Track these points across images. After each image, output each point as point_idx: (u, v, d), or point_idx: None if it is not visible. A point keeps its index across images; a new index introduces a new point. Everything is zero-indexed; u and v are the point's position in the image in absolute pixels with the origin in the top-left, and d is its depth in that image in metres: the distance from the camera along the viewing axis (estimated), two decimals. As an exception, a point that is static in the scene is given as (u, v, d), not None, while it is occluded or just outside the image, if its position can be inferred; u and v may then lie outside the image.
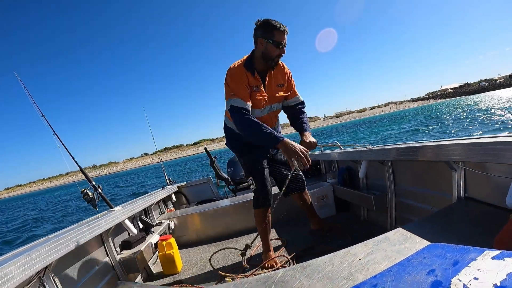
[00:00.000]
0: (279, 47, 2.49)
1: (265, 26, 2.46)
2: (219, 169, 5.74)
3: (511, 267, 0.83)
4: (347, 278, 1.33)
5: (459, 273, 0.90)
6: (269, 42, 2.46)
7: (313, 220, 3.46)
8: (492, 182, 1.91)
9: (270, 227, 2.98)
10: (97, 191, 3.19)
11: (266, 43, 2.48)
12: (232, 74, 2.57)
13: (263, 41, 2.49)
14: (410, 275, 1.00)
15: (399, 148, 2.67)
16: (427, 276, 0.95)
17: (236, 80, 2.54)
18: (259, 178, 2.85)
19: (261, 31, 2.48)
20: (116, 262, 2.71)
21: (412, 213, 2.76)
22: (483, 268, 0.87)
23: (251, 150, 2.88)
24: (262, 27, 2.48)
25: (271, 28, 2.44)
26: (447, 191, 2.27)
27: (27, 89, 3.34)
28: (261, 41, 2.50)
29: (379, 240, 1.65)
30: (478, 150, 1.80)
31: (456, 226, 1.73)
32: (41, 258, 1.76)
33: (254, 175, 2.87)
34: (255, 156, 2.89)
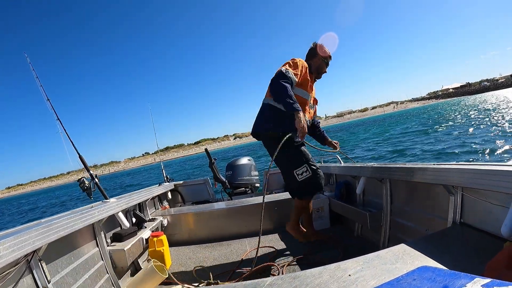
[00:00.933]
0: (326, 67, 3.26)
1: (324, 49, 3.21)
2: (217, 171, 5.74)
3: None
4: None
5: None
6: (324, 61, 3.21)
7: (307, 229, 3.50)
8: (488, 209, 1.90)
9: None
10: (93, 180, 3.18)
11: (322, 61, 3.20)
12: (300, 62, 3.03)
13: (321, 59, 3.20)
14: (398, 296, 0.99)
15: (398, 167, 2.66)
16: (415, 298, 0.94)
17: (301, 66, 3.00)
18: (312, 165, 3.08)
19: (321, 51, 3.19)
20: (106, 253, 2.70)
21: (406, 234, 2.75)
22: None
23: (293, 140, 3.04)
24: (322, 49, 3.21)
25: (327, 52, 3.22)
26: (443, 215, 2.25)
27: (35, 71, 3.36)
28: (320, 57, 3.20)
29: (371, 257, 1.64)
30: (477, 177, 1.80)
31: (449, 251, 1.72)
32: (31, 241, 1.75)
33: (307, 161, 3.07)
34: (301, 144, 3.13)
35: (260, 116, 3.14)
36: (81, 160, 3.36)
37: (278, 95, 2.84)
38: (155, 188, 4.54)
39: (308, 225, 3.43)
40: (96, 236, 2.69)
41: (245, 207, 4.16)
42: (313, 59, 3.21)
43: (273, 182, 5.83)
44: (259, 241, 2.74)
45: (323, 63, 3.21)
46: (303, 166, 3.03)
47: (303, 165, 3.04)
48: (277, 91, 2.85)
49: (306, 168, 3.03)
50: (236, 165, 5.83)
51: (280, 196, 4.39)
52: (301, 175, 3.03)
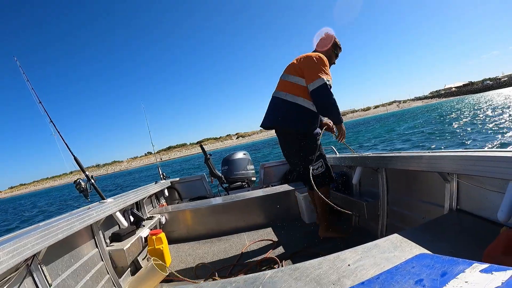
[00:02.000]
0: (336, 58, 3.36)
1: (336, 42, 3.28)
2: (213, 167, 5.73)
3: (499, 281, 0.83)
4: (335, 283, 1.33)
5: (446, 284, 0.90)
6: (335, 52, 3.31)
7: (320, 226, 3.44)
8: (484, 195, 1.92)
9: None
10: (89, 181, 3.17)
11: (332, 52, 3.28)
12: (323, 57, 3.08)
13: (332, 50, 3.27)
14: (398, 284, 1.00)
15: (394, 156, 2.67)
16: (414, 286, 0.95)
17: (328, 66, 3.07)
18: (326, 160, 3.24)
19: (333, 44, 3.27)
20: (105, 254, 2.70)
21: (404, 222, 2.77)
22: (471, 281, 0.87)
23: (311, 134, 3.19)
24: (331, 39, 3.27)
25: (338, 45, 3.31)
26: (440, 202, 2.27)
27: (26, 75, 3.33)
28: (331, 48, 3.26)
29: (369, 247, 1.65)
30: (472, 163, 1.81)
31: (447, 237, 1.73)
32: (30, 246, 1.74)
33: (324, 157, 3.23)
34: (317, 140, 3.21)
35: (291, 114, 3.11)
36: (76, 161, 3.34)
37: (328, 109, 3.04)
38: (151, 186, 4.53)
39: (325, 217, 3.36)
40: (95, 237, 2.69)
41: (242, 201, 4.17)
42: (324, 49, 3.25)
43: (269, 176, 5.84)
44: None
45: (333, 54, 3.28)
46: (320, 161, 3.16)
47: (319, 160, 3.15)
48: (327, 107, 3.02)
49: (322, 163, 3.17)
50: (232, 160, 5.83)
51: (278, 189, 4.40)
52: (316, 170, 3.14)
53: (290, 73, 3.13)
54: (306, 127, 3.09)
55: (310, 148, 3.12)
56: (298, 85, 3.04)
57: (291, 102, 3.07)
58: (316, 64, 3.00)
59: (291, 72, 3.12)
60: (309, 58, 3.06)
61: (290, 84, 3.10)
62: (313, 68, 2.98)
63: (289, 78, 3.12)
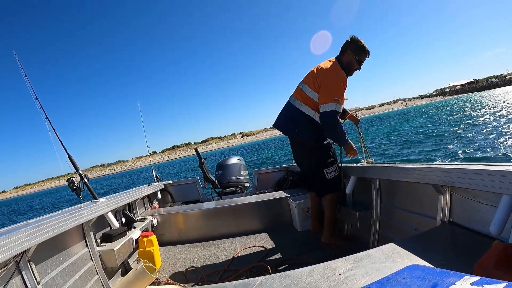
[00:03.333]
0: (360, 64, 3.11)
1: (358, 45, 3.04)
2: (207, 171, 5.72)
3: None
4: None
5: None
6: (355, 58, 3.04)
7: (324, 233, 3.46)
8: (477, 208, 1.92)
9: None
10: (82, 180, 3.15)
11: (353, 57, 3.05)
12: (343, 78, 3.02)
13: (351, 54, 3.04)
14: (388, 294, 0.99)
15: (387, 167, 2.68)
16: (405, 297, 0.95)
17: (343, 86, 3.03)
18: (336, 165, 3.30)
19: (353, 46, 3.04)
20: (95, 254, 2.68)
21: (396, 233, 2.77)
22: None
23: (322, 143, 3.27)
24: (355, 44, 3.05)
25: (362, 48, 3.04)
26: (432, 214, 2.27)
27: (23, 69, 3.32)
28: (350, 53, 3.05)
29: (360, 256, 1.65)
30: (466, 176, 1.81)
31: (438, 249, 1.73)
32: (20, 242, 1.72)
33: (337, 162, 3.30)
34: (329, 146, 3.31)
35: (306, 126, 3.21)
36: (70, 160, 3.32)
37: (332, 135, 3.15)
38: (144, 188, 4.51)
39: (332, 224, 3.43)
40: (85, 236, 2.67)
41: (235, 206, 4.16)
42: (344, 54, 3.12)
43: (263, 182, 5.83)
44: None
45: (353, 59, 3.07)
46: (334, 166, 3.25)
47: (334, 165, 3.25)
48: (333, 133, 3.11)
49: (336, 167, 3.26)
50: (226, 165, 5.82)
51: (271, 195, 4.39)
52: (330, 174, 3.22)
53: (307, 84, 3.17)
54: (322, 140, 3.22)
55: (325, 155, 3.24)
56: (313, 100, 3.11)
57: (305, 114, 3.17)
58: (333, 86, 3.01)
59: (309, 83, 3.16)
60: (328, 75, 3.04)
61: (306, 95, 3.16)
62: (329, 89, 3.00)
63: (306, 89, 3.17)
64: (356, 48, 3.04)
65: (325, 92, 3.00)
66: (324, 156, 3.23)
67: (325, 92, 3.00)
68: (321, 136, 3.20)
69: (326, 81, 3.02)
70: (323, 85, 3.02)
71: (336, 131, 3.06)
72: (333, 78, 3.01)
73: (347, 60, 3.08)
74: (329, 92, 2.98)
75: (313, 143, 3.23)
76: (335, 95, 2.97)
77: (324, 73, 3.06)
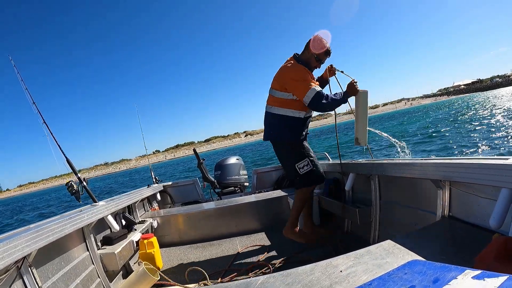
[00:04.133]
0: (318, 62, 3.21)
1: (318, 43, 3.14)
2: (206, 172, 5.72)
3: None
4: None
5: None
6: (314, 57, 3.16)
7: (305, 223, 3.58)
8: (476, 202, 1.93)
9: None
10: (81, 184, 3.15)
11: (312, 55, 3.16)
12: (300, 71, 3.11)
13: (311, 52, 3.15)
14: (390, 290, 0.99)
15: (386, 163, 2.68)
16: (407, 292, 0.95)
17: (306, 75, 3.09)
18: (313, 160, 3.26)
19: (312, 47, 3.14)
20: (96, 257, 2.67)
21: (396, 228, 2.77)
22: (463, 287, 0.87)
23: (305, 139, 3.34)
24: (316, 42, 3.14)
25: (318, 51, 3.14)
26: (432, 209, 2.28)
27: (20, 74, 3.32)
28: (310, 50, 3.15)
29: (361, 253, 1.65)
30: (465, 171, 1.82)
31: (439, 244, 1.74)
32: (20, 248, 1.72)
33: (309, 157, 3.24)
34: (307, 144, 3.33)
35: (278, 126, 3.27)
36: (68, 163, 3.33)
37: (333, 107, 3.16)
38: (144, 190, 4.51)
39: (308, 222, 3.54)
40: (86, 240, 2.66)
41: (235, 206, 4.16)
42: (305, 51, 3.24)
43: (262, 181, 5.84)
44: None
45: (312, 57, 3.18)
46: (305, 160, 3.20)
47: (305, 159, 3.19)
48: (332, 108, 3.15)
49: (307, 161, 3.20)
50: (225, 165, 5.82)
51: (270, 194, 4.39)
52: (302, 169, 3.18)
53: (274, 88, 3.24)
54: (293, 137, 3.21)
55: (296, 151, 3.24)
56: (282, 99, 3.16)
57: (276, 114, 3.22)
58: (302, 78, 3.07)
59: (275, 86, 3.23)
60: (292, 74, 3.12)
61: (275, 98, 3.22)
62: (300, 83, 3.06)
63: (274, 93, 3.23)
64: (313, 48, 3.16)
65: (299, 87, 3.05)
66: (295, 153, 3.24)
67: (299, 87, 3.06)
68: (292, 133, 3.22)
69: (294, 79, 3.09)
70: (293, 84, 3.09)
71: (332, 105, 3.10)
72: (298, 73, 3.09)
73: (306, 57, 3.20)
74: (301, 85, 3.04)
75: (286, 141, 3.27)
76: (307, 83, 3.02)
77: (288, 73, 3.14)
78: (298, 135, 3.23)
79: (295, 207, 3.31)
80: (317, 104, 3.02)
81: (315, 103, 3.01)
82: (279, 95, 3.16)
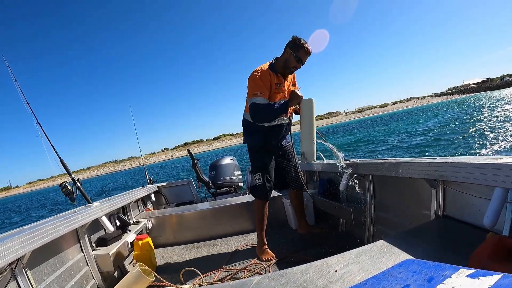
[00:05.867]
0: (298, 62, 3.08)
1: (296, 42, 3.04)
2: (200, 172, 5.72)
3: (485, 286, 0.83)
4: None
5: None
6: (293, 54, 3.04)
7: (300, 223, 3.66)
8: (470, 201, 1.94)
9: (265, 221, 3.37)
10: (75, 185, 3.14)
11: (291, 55, 3.05)
12: (257, 76, 3.06)
13: (290, 52, 3.05)
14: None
15: (381, 163, 2.69)
16: (401, 291, 0.95)
17: (261, 81, 3.04)
18: (266, 175, 3.27)
19: (292, 44, 3.06)
20: (91, 258, 2.67)
21: (390, 228, 2.78)
22: (458, 286, 0.87)
23: (266, 148, 3.29)
24: (294, 42, 3.06)
25: (299, 46, 3.02)
26: (426, 208, 2.29)
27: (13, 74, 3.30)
28: (288, 51, 3.07)
29: (356, 252, 1.66)
30: (459, 170, 1.82)
31: (433, 243, 1.74)
32: (14, 249, 1.71)
33: (262, 171, 3.28)
34: (268, 155, 3.31)
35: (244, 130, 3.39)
36: (62, 164, 3.31)
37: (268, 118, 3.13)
38: (138, 191, 4.50)
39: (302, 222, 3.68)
40: (80, 241, 2.65)
41: (229, 206, 4.16)
42: (284, 52, 3.16)
43: None
44: None
45: (291, 56, 3.07)
46: (258, 174, 3.30)
47: (258, 173, 3.30)
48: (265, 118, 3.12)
49: (259, 176, 3.28)
50: (219, 165, 5.83)
51: None
52: (259, 180, 3.29)
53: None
54: (248, 140, 3.33)
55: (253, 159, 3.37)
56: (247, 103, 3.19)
57: (244, 119, 3.36)
58: (250, 85, 3.12)
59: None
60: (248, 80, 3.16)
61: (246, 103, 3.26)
62: (248, 90, 3.13)
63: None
64: (294, 46, 3.07)
65: (247, 94, 3.12)
66: (252, 161, 3.38)
67: (247, 94, 3.13)
68: (249, 136, 3.32)
69: (248, 84, 3.14)
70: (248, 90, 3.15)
71: (268, 117, 3.11)
72: (250, 79, 3.12)
73: (285, 57, 3.12)
74: (248, 93, 3.11)
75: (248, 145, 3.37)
76: (252, 91, 3.05)
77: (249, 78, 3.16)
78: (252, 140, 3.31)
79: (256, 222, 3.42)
80: (253, 116, 3.07)
81: (252, 114, 3.06)
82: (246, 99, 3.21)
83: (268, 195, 3.33)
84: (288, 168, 3.53)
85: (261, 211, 3.34)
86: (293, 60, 3.09)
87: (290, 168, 3.53)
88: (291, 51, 3.07)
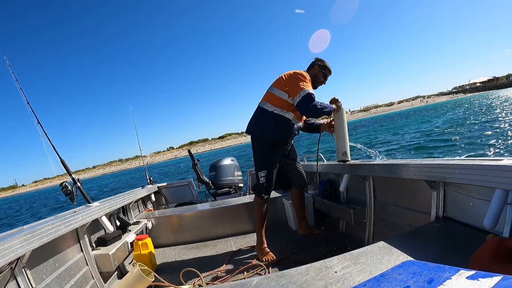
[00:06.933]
0: (324, 78, 3.45)
1: (324, 62, 3.42)
2: (201, 172, 5.72)
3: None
4: None
5: None
6: (321, 72, 3.40)
7: (301, 224, 3.62)
8: (470, 203, 1.94)
9: (265, 220, 3.38)
10: (76, 185, 3.14)
11: (319, 71, 3.39)
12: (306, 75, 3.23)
13: (318, 69, 3.39)
14: (385, 290, 1.00)
15: (381, 164, 2.69)
16: (401, 292, 0.95)
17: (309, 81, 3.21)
18: (271, 175, 3.30)
19: (320, 63, 3.41)
20: (91, 258, 2.66)
21: (390, 229, 2.78)
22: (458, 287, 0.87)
23: (275, 148, 3.31)
24: (321, 61, 3.42)
25: (326, 66, 3.42)
26: (426, 210, 2.29)
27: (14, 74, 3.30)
28: (317, 68, 3.40)
29: (356, 254, 1.66)
30: (458, 172, 1.83)
31: (433, 245, 1.74)
32: (14, 249, 1.71)
33: (268, 170, 3.30)
34: (277, 155, 3.36)
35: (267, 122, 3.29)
36: (62, 164, 3.31)
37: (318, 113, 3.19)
38: (138, 191, 4.50)
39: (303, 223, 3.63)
40: (80, 241, 2.65)
41: (229, 207, 4.16)
42: (312, 69, 3.41)
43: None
44: None
45: (319, 72, 3.39)
46: (263, 171, 3.29)
47: (264, 171, 3.29)
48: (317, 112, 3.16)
49: (264, 174, 3.29)
50: (219, 166, 5.82)
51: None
52: (262, 178, 3.29)
53: (275, 86, 3.28)
54: (277, 136, 3.25)
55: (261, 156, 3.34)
56: (279, 98, 3.20)
57: (267, 110, 3.25)
58: (299, 79, 3.16)
59: (277, 85, 3.26)
60: (294, 74, 3.22)
61: (271, 95, 3.26)
62: (297, 83, 3.12)
63: (273, 90, 3.27)
64: (322, 65, 3.40)
65: (295, 86, 3.12)
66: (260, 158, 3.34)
67: (294, 86, 3.12)
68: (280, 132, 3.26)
69: (293, 79, 3.18)
70: (291, 84, 3.16)
71: (318, 111, 3.15)
72: (299, 74, 3.19)
73: (314, 73, 3.39)
74: (297, 85, 3.11)
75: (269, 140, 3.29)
76: (303, 85, 3.10)
77: (291, 74, 3.22)
78: (281, 135, 3.26)
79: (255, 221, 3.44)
80: (305, 105, 3.07)
81: (303, 103, 3.06)
82: (276, 92, 3.21)
83: (269, 194, 3.34)
84: (292, 167, 3.55)
85: (261, 210, 3.35)
86: (321, 76, 3.42)
87: (294, 166, 3.55)
88: (319, 69, 3.39)
